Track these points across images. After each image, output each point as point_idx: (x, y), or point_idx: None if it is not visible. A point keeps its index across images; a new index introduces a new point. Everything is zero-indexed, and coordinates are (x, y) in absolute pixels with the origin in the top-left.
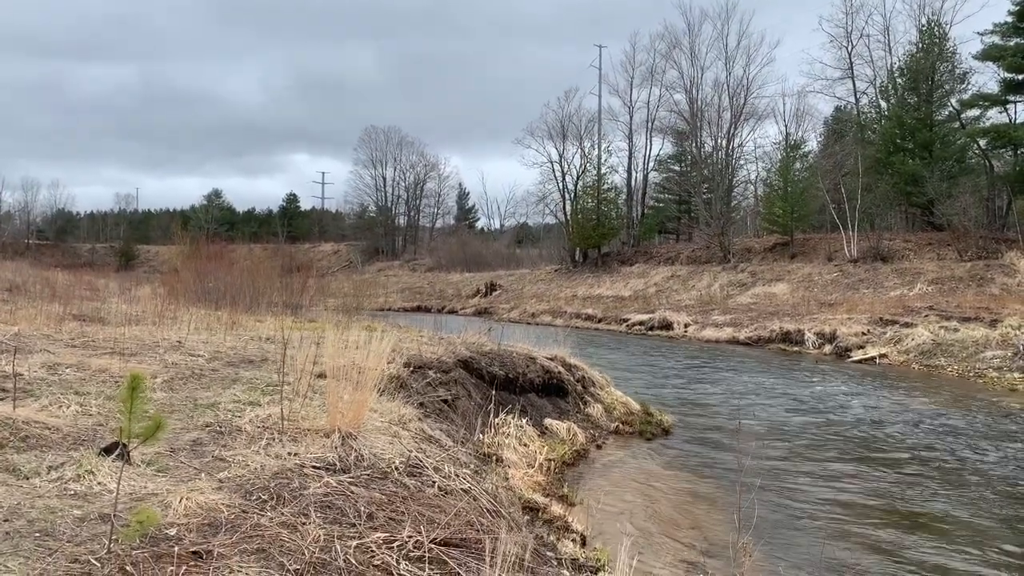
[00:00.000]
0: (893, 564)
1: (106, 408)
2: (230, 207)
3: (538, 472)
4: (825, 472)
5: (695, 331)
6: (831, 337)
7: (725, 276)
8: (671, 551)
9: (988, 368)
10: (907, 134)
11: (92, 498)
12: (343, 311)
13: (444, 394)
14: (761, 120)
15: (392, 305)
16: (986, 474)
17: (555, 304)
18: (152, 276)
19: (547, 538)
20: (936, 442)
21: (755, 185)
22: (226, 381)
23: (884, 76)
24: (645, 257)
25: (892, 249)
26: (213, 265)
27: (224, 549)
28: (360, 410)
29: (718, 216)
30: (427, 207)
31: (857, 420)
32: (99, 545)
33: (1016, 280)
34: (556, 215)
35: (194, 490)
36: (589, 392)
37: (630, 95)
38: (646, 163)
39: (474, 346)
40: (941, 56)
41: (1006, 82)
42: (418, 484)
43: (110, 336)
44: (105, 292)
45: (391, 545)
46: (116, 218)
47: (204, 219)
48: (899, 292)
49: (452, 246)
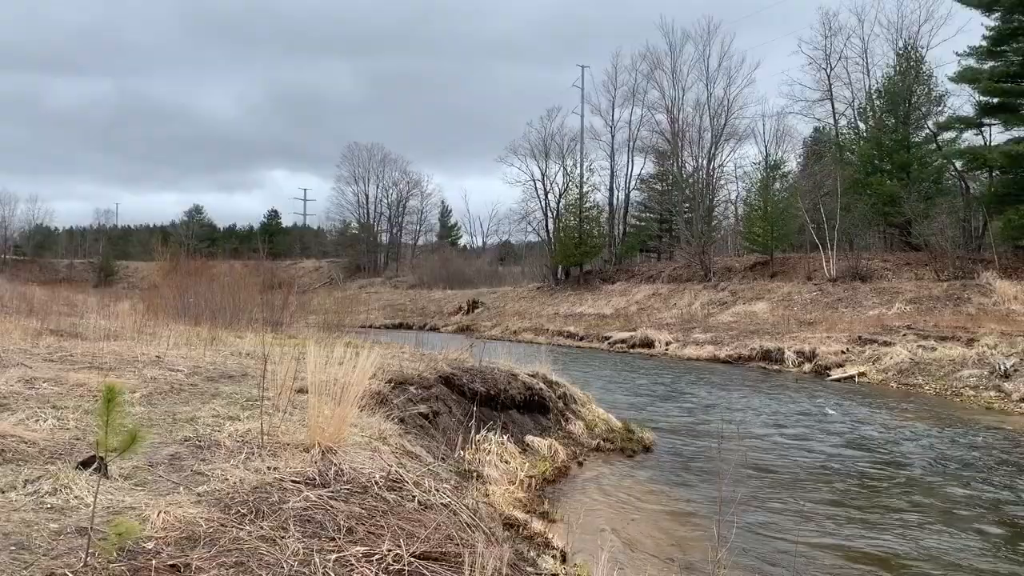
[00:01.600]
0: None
1: (84, 422)
2: (211, 223)
3: (519, 489)
4: (805, 489)
5: (676, 349)
6: (811, 355)
7: (706, 295)
8: (651, 567)
9: (965, 387)
10: (885, 155)
11: (69, 511)
12: (324, 328)
13: (425, 410)
14: (741, 140)
15: (374, 322)
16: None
17: (537, 322)
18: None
19: (527, 553)
20: (916, 460)
21: (735, 205)
22: (205, 396)
23: (862, 98)
24: (627, 275)
25: (871, 269)
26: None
27: (202, 563)
28: (340, 425)
29: (699, 235)
30: (409, 224)
31: (837, 438)
32: (76, 558)
33: (992, 300)
34: (538, 233)
35: (172, 504)
36: (571, 409)
37: (612, 114)
38: (628, 182)
39: (455, 362)
40: (918, 79)
41: (981, 105)
42: (398, 498)
43: (88, 351)
44: (83, 308)
45: (370, 559)
46: (95, 234)
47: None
48: (878, 311)
49: (434, 263)
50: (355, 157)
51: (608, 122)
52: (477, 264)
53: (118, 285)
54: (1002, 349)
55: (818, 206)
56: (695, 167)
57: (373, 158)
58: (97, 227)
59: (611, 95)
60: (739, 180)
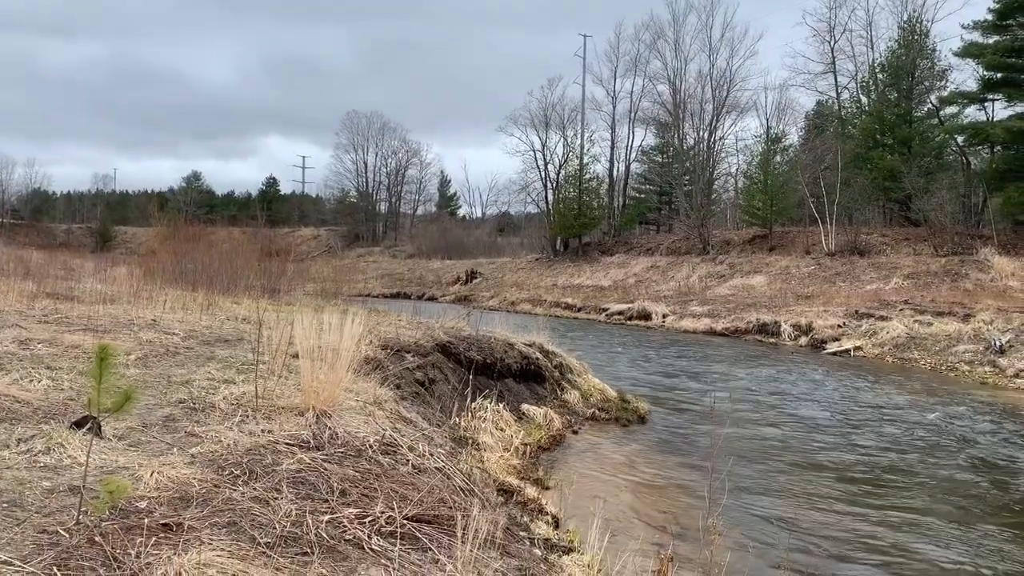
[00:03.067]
0: (860, 545)
1: (78, 383)
2: (209, 190)
3: (514, 456)
4: (798, 460)
5: (673, 321)
6: (807, 329)
7: (704, 267)
8: (643, 534)
9: (960, 362)
10: (887, 129)
11: (62, 470)
12: (322, 296)
13: (421, 377)
14: (743, 113)
15: (372, 291)
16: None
17: (535, 293)
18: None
19: (520, 519)
20: (907, 435)
21: (735, 178)
22: (201, 359)
23: (865, 71)
24: (625, 247)
25: (869, 243)
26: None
27: (195, 522)
28: (335, 390)
29: (698, 208)
30: (408, 194)
31: (831, 410)
32: (68, 516)
33: (989, 276)
34: (538, 204)
35: (166, 464)
36: (566, 378)
37: (614, 85)
38: (628, 154)
39: (452, 331)
40: (921, 53)
41: (984, 80)
42: (392, 462)
43: (84, 314)
44: (80, 272)
45: (363, 520)
46: (93, 199)
47: (183, 201)
48: (875, 286)
49: (433, 233)
50: (354, 125)
51: (609, 92)
52: (476, 234)
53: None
54: (998, 325)
55: (818, 180)
56: (696, 139)
57: (372, 126)
58: (95, 192)
59: (613, 65)
60: (739, 153)
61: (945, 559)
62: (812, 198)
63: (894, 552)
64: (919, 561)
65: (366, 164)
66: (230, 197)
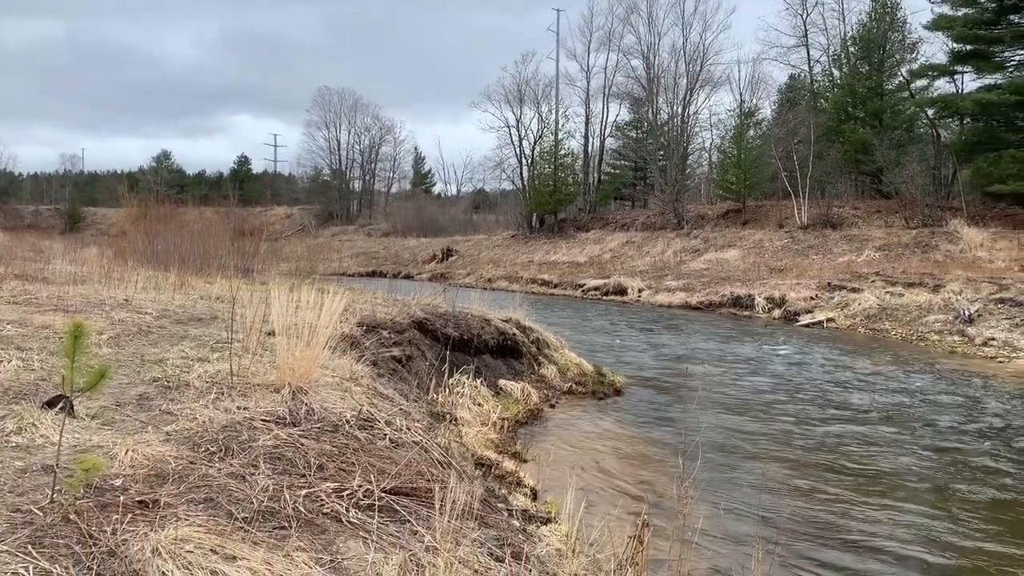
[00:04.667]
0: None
1: (49, 363)
2: (180, 169)
3: (491, 430)
4: (769, 429)
5: (649, 296)
6: (780, 302)
7: (679, 242)
8: (620, 504)
9: (930, 331)
10: (858, 103)
11: (34, 450)
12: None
13: (398, 354)
14: (717, 87)
15: (347, 270)
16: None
17: (511, 270)
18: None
19: (499, 491)
20: (878, 401)
21: (709, 153)
22: (174, 338)
23: (837, 45)
24: (601, 223)
25: (841, 216)
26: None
27: (171, 499)
28: (311, 366)
29: (673, 183)
30: (383, 171)
31: (800, 380)
32: (42, 495)
33: (959, 247)
34: (513, 181)
35: (140, 442)
36: (543, 354)
37: (587, 60)
38: (603, 129)
39: (429, 308)
40: (892, 26)
41: (954, 52)
42: (369, 437)
43: (54, 294)
44: (50, 253)
45: (341, 494)
46: (61, 179)
47: (153, 181)
48: (847, 258)
49: (408, 211)
50: (326, 102)
51: (583, 67)
52: (451, 212)
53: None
54: (967, 295)
55: (791, 153)
56: (670, 114)
57: (344, 103)
58: (63, 173)
59: (586, 39)
60: (713, 128)
61: (906, 521)
62: (785, 172)
63: (855, 511)
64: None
65: (339, 141)
66: (201, 177)
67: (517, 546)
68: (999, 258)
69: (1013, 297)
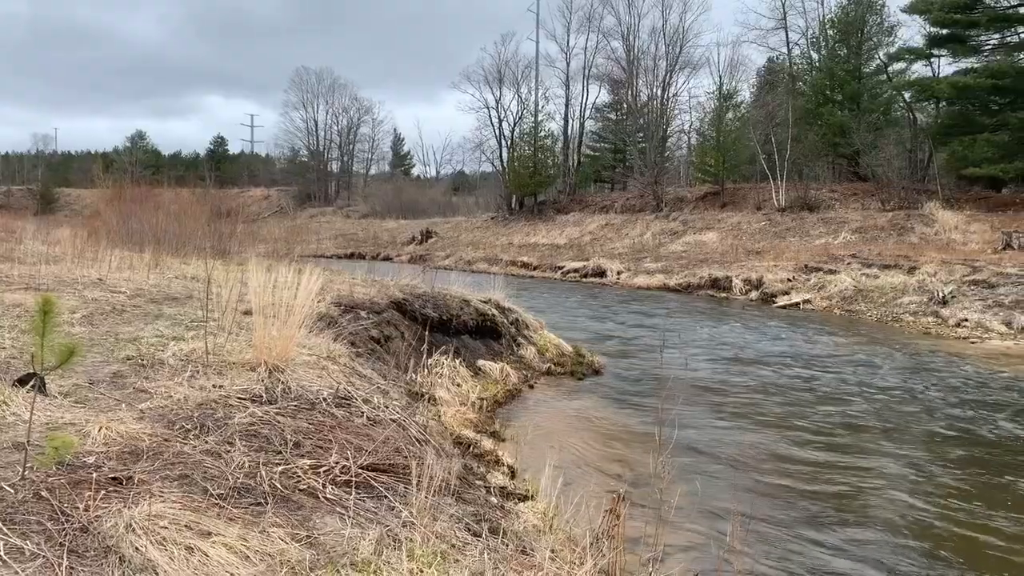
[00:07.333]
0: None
1: (20, 342)
2: (155, 150)
3: (470, 410)
4: (746, 406)
5: (627, 278)
6: (758, 283)
7: (658, 225)
8: (597, 482)
9: (905, 313)
10: (836, 86)
11: (5, 428)
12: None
13: (376, 334)
14: (696, 70)
15: (325, 252)
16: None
17: (491, 252)
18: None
19: (477, 469)
20: (851, 379)
21: (689, 135)
22: (149, 317)
23: (816, 27)
24: (581, 206)
25: (819, 199)
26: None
27: (145, 475)
28: (288, 344)
29: (652, 165)
30: (361, 152)
31: (777, 360)
32: (13, 472)
33: (934, 230)
34: (493, 162)
35: (114, 420)
36: (523, 334)
37: (567, 41)
38: (583, 111)
39: (408, 288)
40: (871, 8)
41: (931, 36)
42: (347, 414)
43: (26, 273)
44: (22, 234)
45: (317, 470)
46: (34, 160)
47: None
48: (824, 240)
49: (387, 193)
50: (303, 82)
51: (563, 48)
52: (431, 194)
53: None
54: (941, 277)
55: (769, 136)
56: (649, 96)
57: (322, 83)
58: (35, 153)
59: (566, 20)
60: (692, 110)
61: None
62: (763, 155)
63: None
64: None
65: (316, 122)
66: (177, 157)
67: (494, 522)
68: (973, 240)
69: (986, 279)
